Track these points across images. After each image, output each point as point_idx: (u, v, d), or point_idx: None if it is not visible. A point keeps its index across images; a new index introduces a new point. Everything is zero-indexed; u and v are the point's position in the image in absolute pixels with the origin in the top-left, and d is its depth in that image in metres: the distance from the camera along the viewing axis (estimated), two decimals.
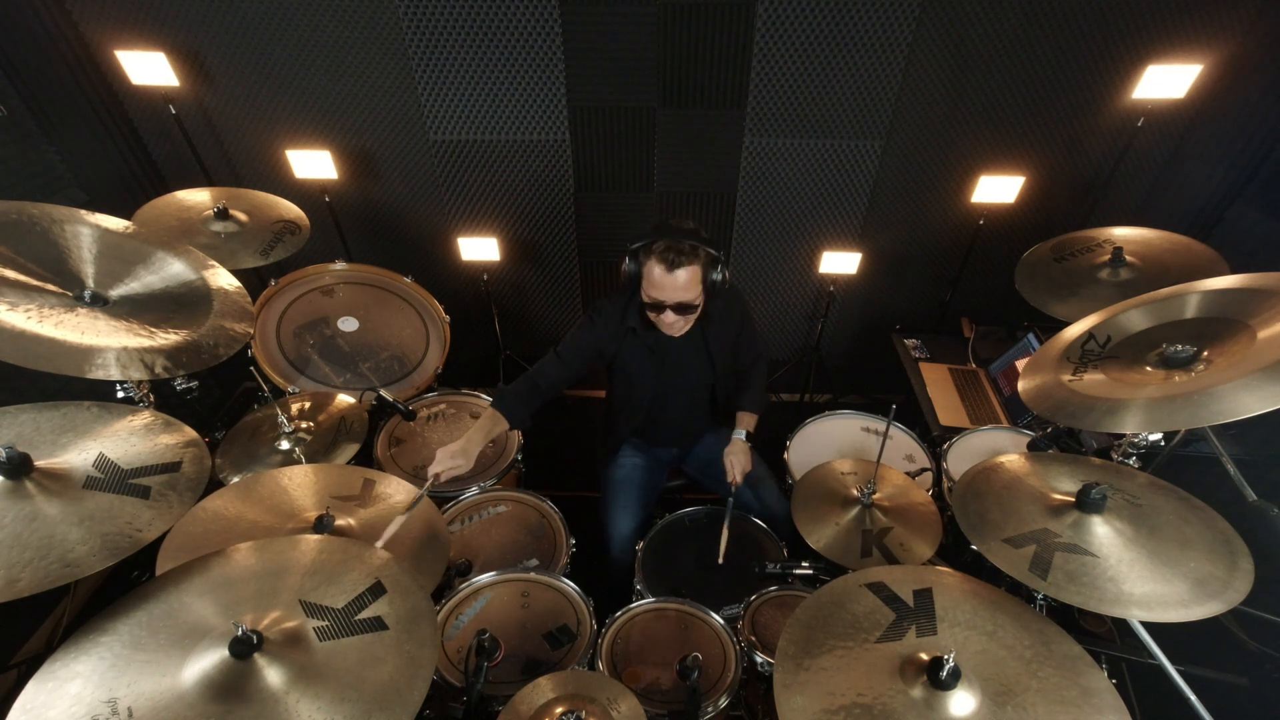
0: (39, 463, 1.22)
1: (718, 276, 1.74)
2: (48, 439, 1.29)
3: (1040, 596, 1.57)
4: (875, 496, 1.75)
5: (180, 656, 1.05)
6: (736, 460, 1.98)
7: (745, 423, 2.07)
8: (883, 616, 1.21)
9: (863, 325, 3.28)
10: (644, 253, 1.72)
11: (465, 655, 1.46)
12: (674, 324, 1.80)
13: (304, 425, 1.95)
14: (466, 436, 1.78)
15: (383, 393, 2.06)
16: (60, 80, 2.41)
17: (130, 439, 1.34)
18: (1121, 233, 2.12)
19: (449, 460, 1.72)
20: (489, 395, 2.37)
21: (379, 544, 1.43)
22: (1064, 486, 1.44)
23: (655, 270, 1.69)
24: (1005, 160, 2.66)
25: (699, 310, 1.80)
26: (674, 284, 1.69)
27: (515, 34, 2.42)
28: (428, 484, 1.68)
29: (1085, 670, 1.11)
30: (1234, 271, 1.59)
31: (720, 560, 1.79)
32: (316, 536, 1.33)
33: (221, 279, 1.79)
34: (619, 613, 1.68)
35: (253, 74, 2.52)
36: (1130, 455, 1.62)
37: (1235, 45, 2.36)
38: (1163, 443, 1.66)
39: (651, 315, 1.81)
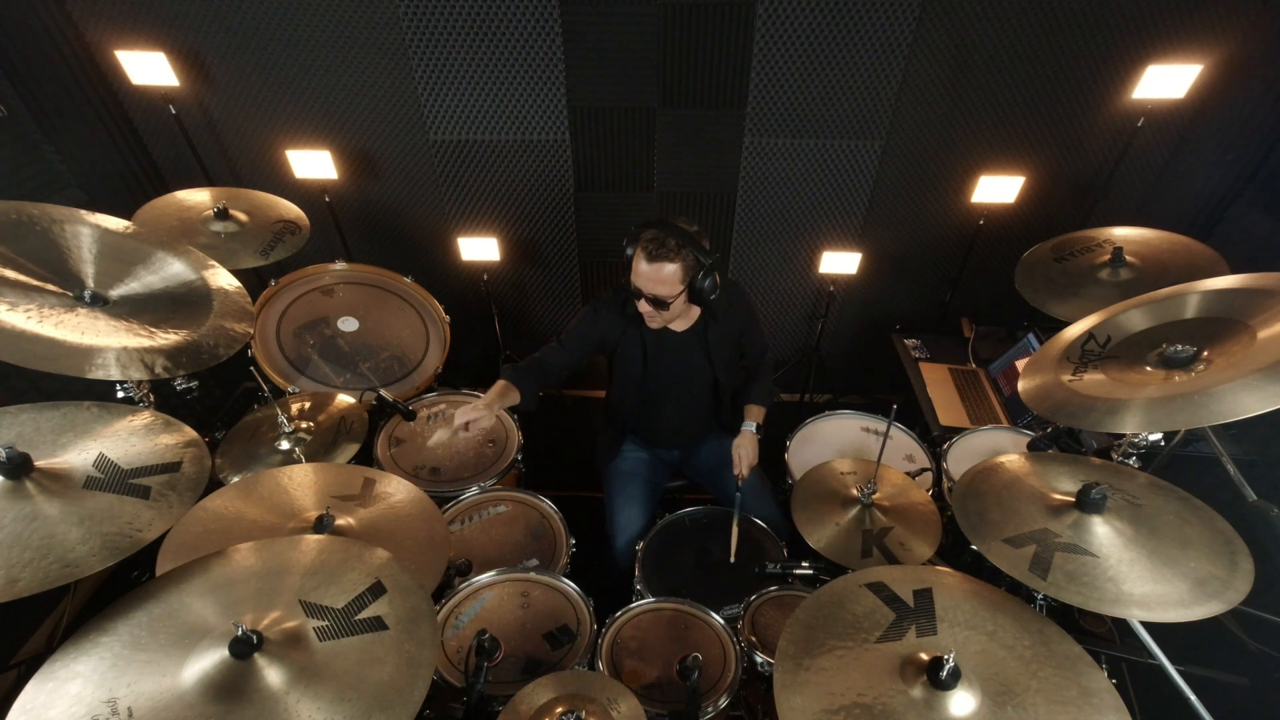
0: (39, 463, 1.22)
1: (704, 283, 1.75)
2: (48, 439, 1.29)
3: (1040, 596, 1.57)
4: (875, 496, 1.75)
5: (180, 656, 1.05)
6: (745, 453, 1.99)
7: (755, 415, 2.07)
8: (883, 616, 1.21)
9: (863, 325, 3.28)
10: (636, 240, 1.76)
11: (465, 655, 1.46)
12: (650, 315, 1.84)
13: (304, 425, 1.95)
14: (484, 398, 1.84)
15: (383, 393, 2.06)
16: (60, 80, 2.41)
17: (130, 439, 1.34)
18: (1121, 233, 2.12)
19: (473, 413, 1.77)
20: None
21: (430, 442, 1.72)
22: (1064, 486, 1.44)
23: (639, 258, 1.74)
24: (1005, 160, 2.66)
25: (670, 308, 1.80)
26: (651, 276, 1.73)
27: (515, 34, 2.42)
28: (455, 427, 1.76)
29: (1085, 670, 1.11)
30: (1234, 271, 1.59)
31: (732, 559, 1.81)
32: (317, 536, 1.33)
33: (221, 279, 1.79)
34: (619, 613, 1.68)
35: (253, 74, 2.52)
36: (1130, 455, 1.62)
37: (1235, 45, 2.35)
38: (1163, 443, 1.66)
39: (637, 301, 1.84)
